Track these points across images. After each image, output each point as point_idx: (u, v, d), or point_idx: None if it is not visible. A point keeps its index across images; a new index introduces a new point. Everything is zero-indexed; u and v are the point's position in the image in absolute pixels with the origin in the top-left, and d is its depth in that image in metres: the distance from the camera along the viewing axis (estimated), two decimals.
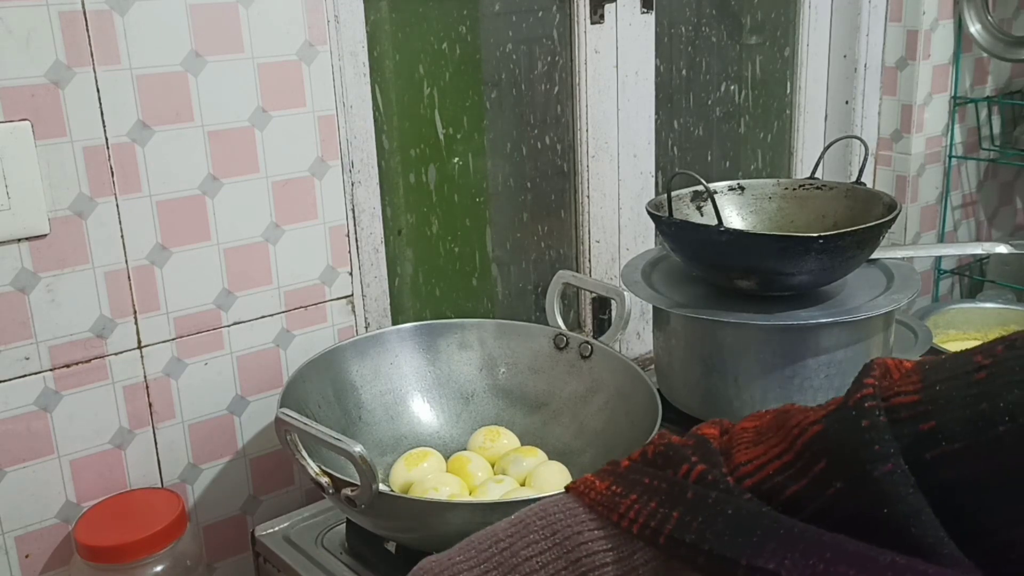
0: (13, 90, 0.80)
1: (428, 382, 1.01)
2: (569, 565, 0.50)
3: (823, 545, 0.44)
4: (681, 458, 0.51)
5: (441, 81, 1.14)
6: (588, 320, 1.34)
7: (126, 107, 0.85)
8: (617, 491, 0.51)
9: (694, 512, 0.48)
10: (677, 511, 0.49)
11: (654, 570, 0.50)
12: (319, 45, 0.95)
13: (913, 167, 1.59)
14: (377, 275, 1.08)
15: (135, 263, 0.89)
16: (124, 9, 0.84)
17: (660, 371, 1.10)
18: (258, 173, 0.94)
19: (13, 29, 0.79)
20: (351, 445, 0.69)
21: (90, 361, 0.88)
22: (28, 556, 0.88)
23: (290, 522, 0.93)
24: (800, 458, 0.48)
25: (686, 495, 0.49)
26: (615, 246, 1.32)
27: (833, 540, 0.44)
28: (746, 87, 1.51)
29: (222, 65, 0.90)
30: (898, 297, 0.96)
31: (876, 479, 0.44)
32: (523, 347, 1.02)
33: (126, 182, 0.87)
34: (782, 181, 1.11)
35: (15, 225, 0.81)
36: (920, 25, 1.52)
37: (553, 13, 1.23)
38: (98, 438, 0.90)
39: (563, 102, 1.26)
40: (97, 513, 0.88)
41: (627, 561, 0.50)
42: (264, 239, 0.96)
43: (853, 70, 1.56)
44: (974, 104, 1.62)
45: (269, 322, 0.98)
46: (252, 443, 1.00)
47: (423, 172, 1.15)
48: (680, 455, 0.52)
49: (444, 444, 0.99)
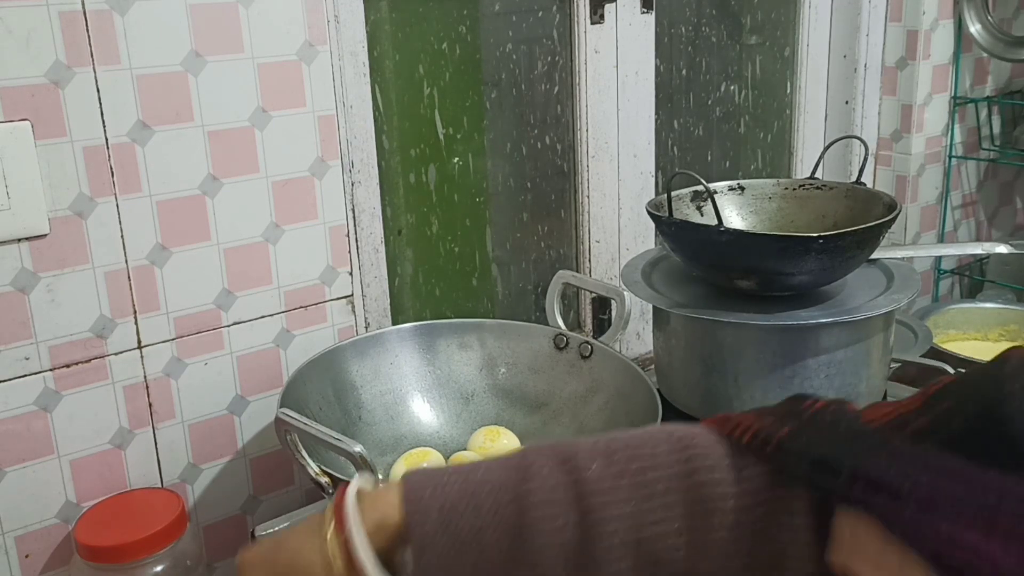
0: (13, 90, 0.80)
1: (428, 382, 1.01)
2: (685, 461, 0.52)
3: (929, 460, 0.46)
4: (806, 397, 0.54)
5: (441, 81, 1.14)
6: (588, 320, 1.34)
7: (126, 107, 0.85)
8: (734, 416, 0.54)
9: (806, 427, 0.51)
10: (789, 426, 0.51)
11: (757, 488, 0.51)
12: (319, 45, 0.95)
13: (913, 167, 1.59)
14: (377, 275, 1.08)
15: (135, 263, 0.89)
16: (124, 9, 0.84)
17: (660, 371, 1.10)
18: (258, 173, 0.94)
19: (13, 29, 0.79)
20: (351, 445, 0.69)
21: (90, 361, 0.88)
22: (28, 556, 0.88)
23: (290, 522, 0.93)
24: (927, 404, 0.50)
25: (802, 416, 0.52)
26: (615, 246, 1.32)
27: (940, 457, 0.46)
28: (746, 87, 1.51)
29: (222, 65, 0.90)
30: (898, 297, 0.96)
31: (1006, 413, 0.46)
32: (523, 347, 1.02)
33: (126, 182, 0.87)
34: (782, 181, 1.11)
35: (15, 225, 0.81)
36: (920, 25, 1.52)
37: (553, 13, 1.23)
38: (98, 438, 0.90)
39: (563, 102, 1.26)
40: (97, 513, 0.88)
41: (735, 471, 0.51)
42: (264, 239, 0.96)
43: (853, 70, 1.56)
44: (974, 104, 1.62)
45: (269, 322, 0.98)
46: (252, 443, 1.00)
47: (423, 172, 1.15)
48: (806, 396, 0.54)
49: (444, 444, 0.99)
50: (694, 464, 0.52)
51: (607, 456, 0.53)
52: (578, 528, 0.51)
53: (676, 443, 0.53)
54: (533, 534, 0.51)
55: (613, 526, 0.51)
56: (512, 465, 0.54)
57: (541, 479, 0.52)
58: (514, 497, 0.52)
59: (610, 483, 0.52)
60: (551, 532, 0.51)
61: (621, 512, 0.51)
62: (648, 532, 0.51)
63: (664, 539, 0.51)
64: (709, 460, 0.52)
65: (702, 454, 0.52)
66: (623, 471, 0.52)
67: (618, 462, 0.52)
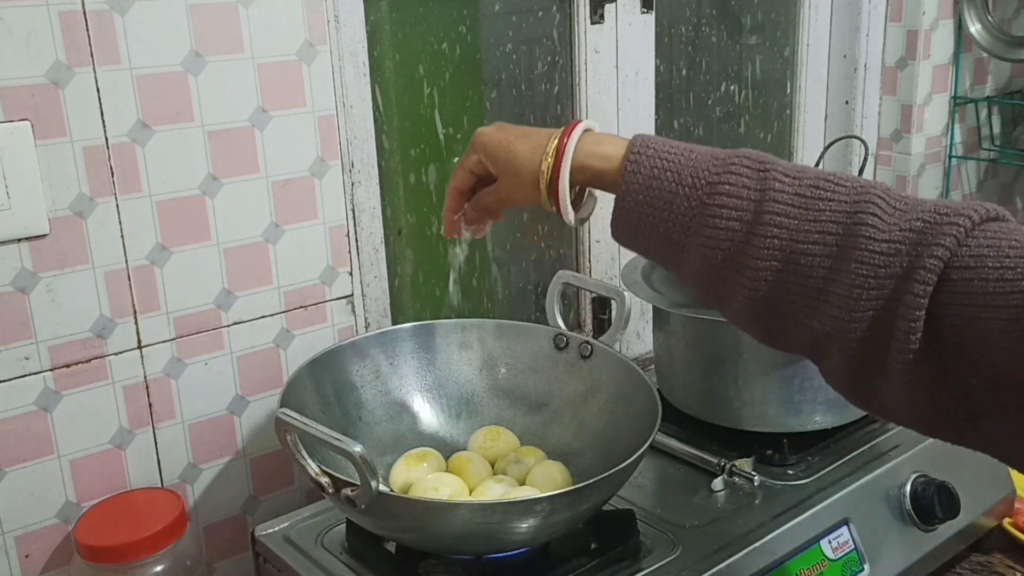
0: (13, 90, 0.80)
1: (428, 382, 1.01)
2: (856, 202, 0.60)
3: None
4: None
5: (441, 81, 1.14)
6: (588, 320, 1.34)
7: (126, 107, 0.85)
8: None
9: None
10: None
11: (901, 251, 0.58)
12: (319, 45, 0.95)
13: (913, 167, 1.59)
14: (377, 275, 1.08)
15: (135, 263, 0.89)
16: (124, 9, 0.84)
17: (660, 371, 1.10)
18: (258, 173, 0.94)
19: (13, 29, 0.79)
20: (351, 445, 0.69)
21: (90, 361, 0.88)
22: (28, 556, 0.88)
23: (290, 522, 0.93)
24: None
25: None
26: (615, 246, 1.32)
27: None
28: (746, 87, 1.51)
29: (222, 65, 0.90)
30: None
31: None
32: (523, 347, 1.02)
33: (126, 182, 0.87)
34: None
35: (15, 225, 0.81)
36: (920, 25, 1.52)
37: (553, 13, 1.23)
38: (98, 438, 0.90)
39: (563, 102, 1.26)
40: (97, 513, 0.88)
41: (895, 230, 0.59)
42: (264, 239, 0.96)
43: (853, 70, 1.56)
44: (974, 104, 1.62)
45: (269, 322, 0.98)
46: (252, 443, 1.00)
47: (423, 172, 1.15)
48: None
49: (444, 444, 0.99)
50: (862, 208, 0.59)
51: (796, 178, 0.62)
52: (749, 225, 0.61)
53: (858, 189, 0.61)
54: (712, 215, 0.62)
55: (775, 231, 0.60)
56: (720, 157, 0.63)
57: (736, 176, 0.62)
58: (708, 181, 0.62)
59: (788, 199, 0.61)
60: (727, 219, 0.61)
61: (787, 224, 0.60)
62: (801, 246, 0.60)
63: (811, 255, 0.60)
64: (878, 212, 0.59)
65: (874, 208, 0.59)
66: (802, 194, 0.61)
67: (803, 186, 0.61)
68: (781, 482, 0.96)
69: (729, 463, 0.96)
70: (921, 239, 0.58)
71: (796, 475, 0.97)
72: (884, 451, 1.00)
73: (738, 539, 0.86)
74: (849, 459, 0.99)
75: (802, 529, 0.89)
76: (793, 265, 0.60)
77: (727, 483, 0.96)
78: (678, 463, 1.01)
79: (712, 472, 0.97)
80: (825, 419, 1.00)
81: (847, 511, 0.93)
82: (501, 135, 0.73)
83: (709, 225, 0.62)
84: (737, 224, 0.61)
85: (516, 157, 0.72)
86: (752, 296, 0.62)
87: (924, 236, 0.58)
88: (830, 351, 0.62)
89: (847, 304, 0.59)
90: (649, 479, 0.99)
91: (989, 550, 1.06)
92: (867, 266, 0.58)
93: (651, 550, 0.86)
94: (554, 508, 0.76)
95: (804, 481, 0.96)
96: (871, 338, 0.59)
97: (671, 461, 1.01)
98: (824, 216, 0.60)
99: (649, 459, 1.00)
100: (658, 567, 0.83)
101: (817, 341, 0.62)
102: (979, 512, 1.03)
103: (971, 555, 1.05)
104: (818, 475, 0.97)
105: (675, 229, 0.64)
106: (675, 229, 0.64)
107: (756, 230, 0.61)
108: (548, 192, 0.71)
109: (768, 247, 0.61)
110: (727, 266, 0.62)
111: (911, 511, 0.96)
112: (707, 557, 0.84)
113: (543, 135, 0.71)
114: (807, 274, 0.60)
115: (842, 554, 0.91)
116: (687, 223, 0.63)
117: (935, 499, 0.96)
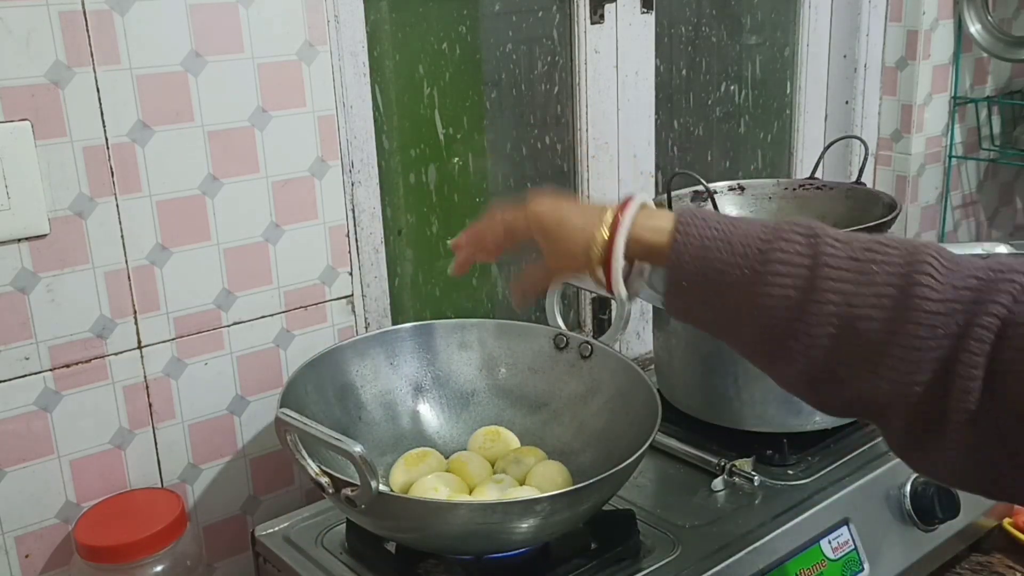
0: (13, 90, 0.80)
1: (428, 382, 1.01)
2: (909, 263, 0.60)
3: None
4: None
5: (441, 81, 1.14)
6: (588, 320, 1.34)
7: (126, 107, 0.85)
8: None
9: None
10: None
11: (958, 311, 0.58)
12: (319, 45, 0.95)
13: (913, 167, 1.59)
14: (377, 275, 1.08)
15: (135, 263, 0.89)
16: (124, 9, 0.84)
17: (660, 371, 1.10)
18: (258, 173, 0.94)
19: (13, 29, 0.79)
20: (351, 445, 0.69)
21: (90, 361, 0.88)
22: (28, 556, 0.88)
23: (290, 522, 0.93)
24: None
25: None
26: None
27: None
28: (746, 87, 1.51)
29: (222, 65, 0.90)
30: None
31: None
32: (523, 347, 1.02)
33: (126, 182, 0.87)
34: (782, 181, 1.11)
35: (15, 225, 0.81)
36: (920, 25, 1.52)
37: (553, 13, 1.23)
38: (98, 438, 0.90)
39: (563, 102, 1.26)
40: (97, 513, 0.88)
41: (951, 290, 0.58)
42: (264, 239, 0.96)
43: (853, 70, 1.56)
44: (974, 104, 1.63)
45: (269, 322, 0.98)
46: (252, 443, 1.00)
47: (423, 172, 1.15)
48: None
49: (444, 444, 0.99)
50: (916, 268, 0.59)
51: (848, 243, 0.62)
52: (803, 291, 0.61)
53: (910, 250, 0.61)
54: (767, 283, 0.61)
55: (831, 297, 0.60)
56: (769, 226, 0.64)
57: (788, 242, 0.62)
58: (760, 249, 0.62)
59: (841, 263, 0.61)
60: (780, 286, 0.61)
61: (843, 288, 0.60)
62: (858, 311, 0.60)
63: (868, 318, 0.59)
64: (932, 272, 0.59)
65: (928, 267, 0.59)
66: (856, 257, 0.61)
67: (855, 250, 0.61)
68: (781, 482, 0.96)
69: (729, 463, 0.96)
70: (977, 296, 0.57)
71: (796, 475, 0.97)
72: (884, 451, 1.00)
73: (738, 539, 0.87)
74: (849, 459, 0.99)
75: (802, 529, 0.89)
76: (850, 329, 0.60)
77: (727, 483, 0.96)
78: (678, 463, 1.01)
79: (712, 472, 0.97)
80: (825, 419, 1.00)
81: (847, 511, 0.93)
82: (555, 205, 0.72)
83: (764, 294, 0.62)
84: (793, 291, 0.61)
85: (569, 227, 0.70)
86: (809, 362, 0.62)
87: (980, 294, 0.58)
88: (889, 413, 0.61)
89: (905, 366, 0.59)
90: (649, 479, 0.99)
91: (989, 550, 1.06)
92: (924, 327, 0.58)
93: (651, 550, 0.86)
94: (554, 508, 0.76)
95: (804, 481, 0.96)
96: (929, 399, 0.59)
97: (671, 461, 1.01)
98: (879, 279, 0.60)
99: (649, 459, 1.00)
100: (658, 567, 0.83)
101: (875, 404, 0.62)
102: (979, 512, 1.03)
103: (971, 555, 1.05)
104: (818, 475, 0.97)
105: (730, 299, 0.63)
106: (730, 299, 0.63)
107: (812, 296, 0.61)
108: (601, 264, 0.69)
109: (825, 312, 0.60)
110: (784, 334, 0.62)
111: (911, 511, 0.96)
112: (707, 557, 0.84)
113: (596, 208, 0.70)
114: (864, 338, 0.60)
115: (842, 554, 0.91)
116: (741, 292, 0.63)
117: (935, 499, 0.96)
